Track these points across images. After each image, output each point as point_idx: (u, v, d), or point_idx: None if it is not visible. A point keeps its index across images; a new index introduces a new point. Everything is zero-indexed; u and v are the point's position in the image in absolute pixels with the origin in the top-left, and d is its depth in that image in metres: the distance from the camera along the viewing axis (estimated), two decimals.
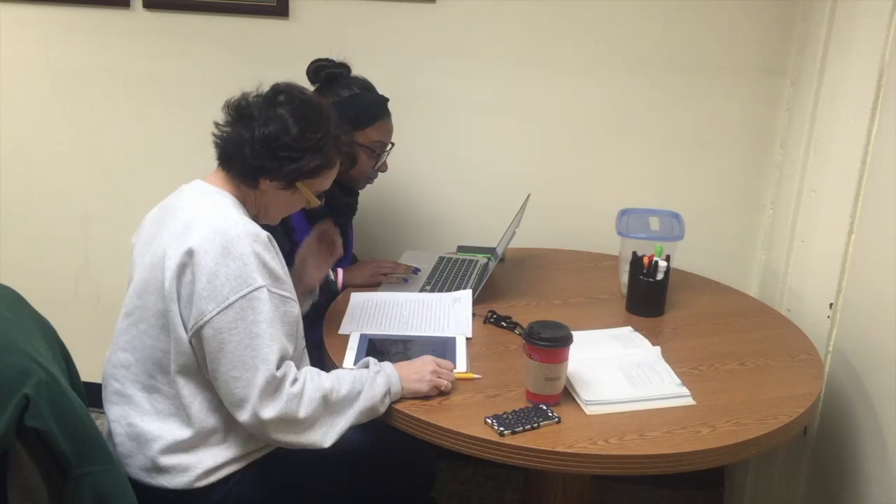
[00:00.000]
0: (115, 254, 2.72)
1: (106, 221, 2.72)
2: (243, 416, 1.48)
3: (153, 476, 1.56)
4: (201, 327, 1.48)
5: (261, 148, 1.55)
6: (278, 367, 1.48)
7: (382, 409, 1.56)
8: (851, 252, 1.91)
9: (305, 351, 1.70)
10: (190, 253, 1.48)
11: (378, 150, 2.07)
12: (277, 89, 1.61)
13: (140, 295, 1.56)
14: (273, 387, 1.47)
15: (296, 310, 1.58)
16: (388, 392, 1.56)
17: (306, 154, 1.58)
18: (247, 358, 1.46)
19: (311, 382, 1.51)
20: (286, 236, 1.99)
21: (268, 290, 1.49)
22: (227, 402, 1.51)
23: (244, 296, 1.47)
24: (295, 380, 1.50)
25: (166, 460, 1.55)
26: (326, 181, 1.66)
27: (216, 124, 1.61)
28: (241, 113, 1.59)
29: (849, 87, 1.92)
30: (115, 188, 2.68)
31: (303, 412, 1.48)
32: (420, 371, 1.59)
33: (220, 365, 1.48)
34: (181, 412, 1.56)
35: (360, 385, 1.55)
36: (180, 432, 1.55)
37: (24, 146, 2.69)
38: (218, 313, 1.46)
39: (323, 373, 1.56)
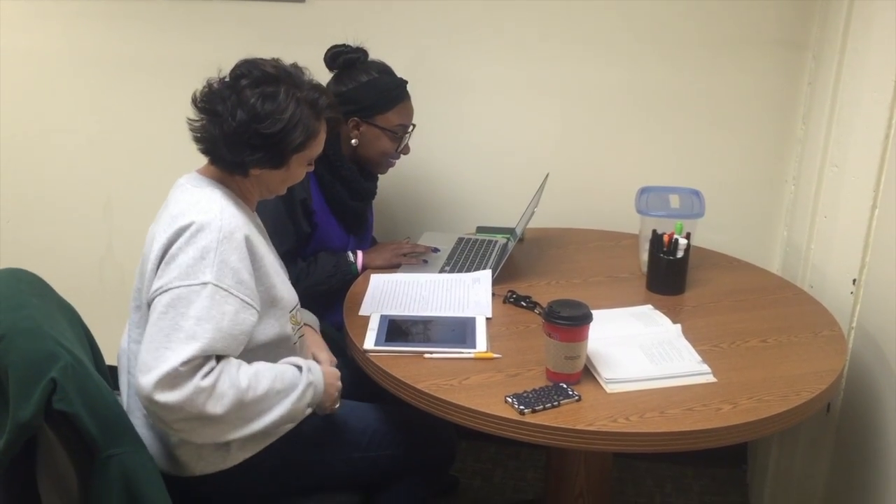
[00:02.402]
0: (139, 239, 2.73)
1: (129, 207, 2.75)
2: (140, 390, 1.40)
3: (169, 464, 1.58)
4: (149, 301, 1.47)
5: (235, 143, 1.51)
6: (186, 363, 1.39)
7: (300, 419, 1.58)
8: (875, 227, 1.89)
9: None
10: (167, 243, 1.48)
11: (400, 133, 2.08)
12: (237, 73, 1.55)
13: (143, 287, 1.56)
14: (173, 377, 1.38)
15: (251, 318, 1.50)
16: (310, 404, 1.58)
17: (285, 134, 1.52)
18: (160, 346, 1.40)
19: (227, 380, 1.44)
20: (306, 219, 2.01)
21: (215, 286, 1.44)
22: (135, 373, 1.46)
23: (187, 286, 1.44)
24: (209, 372, 1.42)
25: (180, 449, 1.56)
26: (316, 149, 1.62)
27: (189, 120, 1.57)
28: (207, 109, 1.54)
29: (871, 61, 1.89)
30: (137, 174, 2.70)
31: (211, 407, 1.42)
32: (333, 384, 1.64)
33: (143, 341, 1.45)
34: None
35: (283, 385, 1.52)
36: None
37: (48, 133, 2.72)
38: (159, 293, 1.45)
39: (243, 370, 1.48)
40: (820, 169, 2.11)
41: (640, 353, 1.65)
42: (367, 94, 2.01)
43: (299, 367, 1.58)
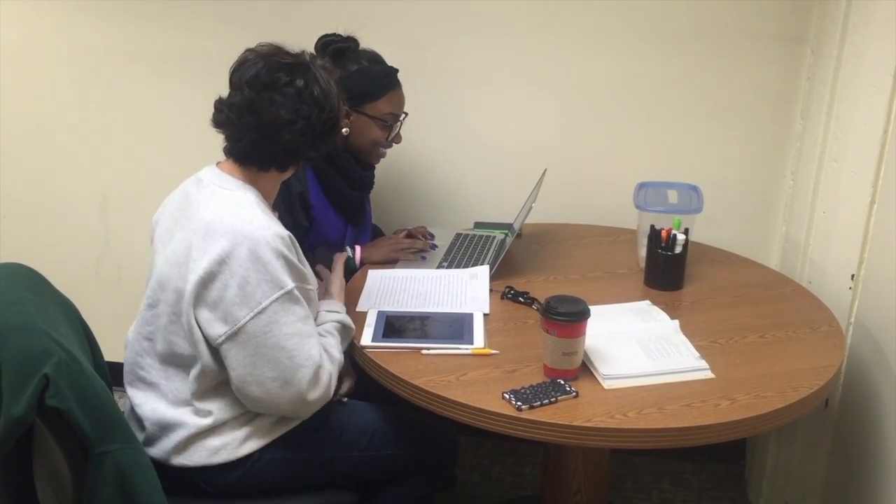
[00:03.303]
0: (136, 236, 2.74)
1: (125, 203, 2.74)
2: (289, 404, 1.56)
3: (173, 457, 1.58)
4: (234, 334, 1.48)
5: (316, 137, 1.57)
6: (320, 356, 1.54)
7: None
8: (873, 222, 1.89)
9: None
10: (219, 261, 1.47)
11: (390, 122, 2.06)
12: (271, 73, 1.52)
13: (162, 288, 1.56)
14: (316, 372, 1.53)
15: (315, 294, 1.63)
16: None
17: (340, 109, 1.61)
18: (284, 359, 1.50)
19: (327, 361, 1.58)
20: (305, 213, 2.00)
21: (298, 286, 1.52)
22: (265, 397, 1.53)
23: (276, 299, 1.49)
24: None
25: (187, 444, 1.57)
26: None
27: (235, 142, 1.57)
28: (271, 124, 1.52)
29: (870, 55, 1.89)
30: (133, 169, 2.69)
31: (333, 371, 1.59)
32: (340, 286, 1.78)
33: (257, 368, 1.49)
34: (203, 404, 1.57)
35: (334, 327, 1.65)
36: (202, 420, 1.57)
37: (44, 129, 2.71)
38: (252, 318, 1.48)
39: (327, 347, 1.61)
40: (818, 164, 2.10)
41: (638, 349, 1.64)
42: (357, 82, 2.00)
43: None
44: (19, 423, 1.29)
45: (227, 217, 1.51)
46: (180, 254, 1.52)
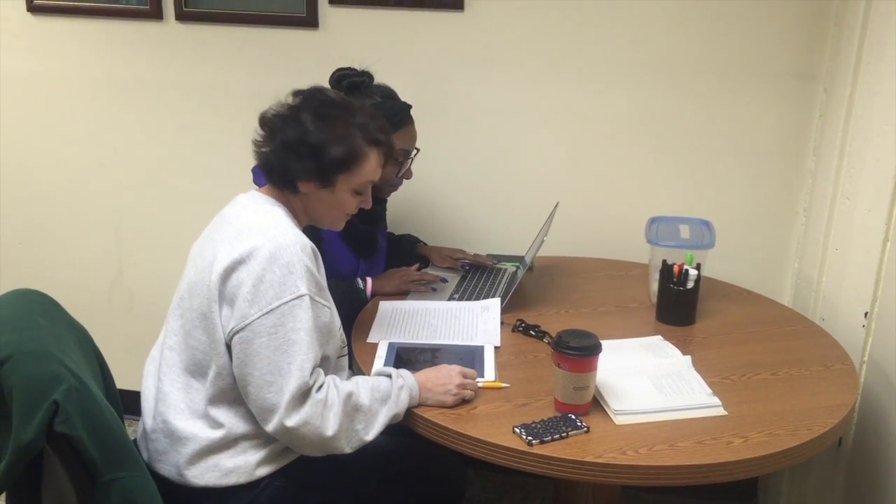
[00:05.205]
0: (149, 263, 2.76)
1: (139, 231, 2.75)
2: (270, 424, 1.50)
3: (184, 473, 1.58)
4: (240, 330, 1.50)
5: (283, 153, 1.60)
6: (311, 375, 1.50)
7: (401, 417, 1.60)
8: (887, 260, 1.88)
9: (345, 357, 1.72)
10: (240, 259, 1.52)
11: (401, 158, 2.07)
12: (300, 98, 1.65)
13: (190, 296, 1.60)
14: (303, 394, 1.49)
15: (329, 317, 1.61)
16: (409, 405, 1.59)
17: (328, 145, 1.60)
18: (283, 364, 1.48)
19: (334, 390, 1.53)
20: (315, 244, 2.01)
21: (310, 298, 1.52)
22: (255, 408, 1.52)
23: (286, 302, 1.50)
24: (320, 386, 1.52)
25: (198, 459, 1.57)
26: (365, 174, 1.66)
27: (254, 142, 1.67)
28: (268, 126, 1.65)
29: (883, 93, 1.89)
30: (148, 198, 2.71)
31: (327, 421, 1.50)
32: (446, 384, 1.60)
33: (255, 369, 1.50)
34: (216, 414, 1.58)
35: (380, 394, 1.56)
36: (213, 433, 1.57)
37: (60, 156, 2.74)
38: (259, 317, 1.49)
39: (343, 382, 1.57)
40: (831, 201, 2.10)
41: (650, 385, 1.63)
42: None
43: (389, 376, 1.61)
44: (28, 448, 1.29)
45: (256, 224, 1.58)
46: (208, 259, 1.57)
